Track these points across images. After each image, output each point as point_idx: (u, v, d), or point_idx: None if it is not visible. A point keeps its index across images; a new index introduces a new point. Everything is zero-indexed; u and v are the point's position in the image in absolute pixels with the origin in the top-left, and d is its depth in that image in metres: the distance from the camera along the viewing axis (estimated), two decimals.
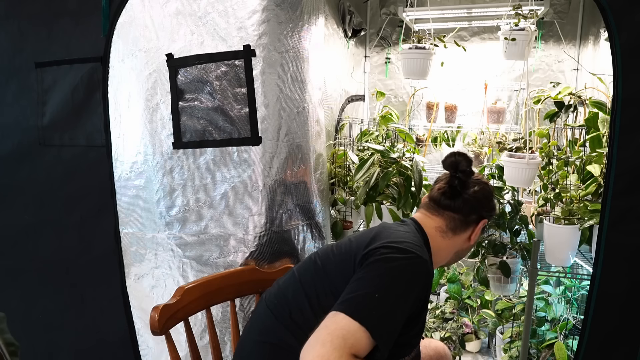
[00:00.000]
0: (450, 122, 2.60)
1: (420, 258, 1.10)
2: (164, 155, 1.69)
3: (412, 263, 1.09)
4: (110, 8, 1.70)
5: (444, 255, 1.31)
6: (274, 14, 1.58)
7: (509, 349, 2.17)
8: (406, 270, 1.07)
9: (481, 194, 1.30)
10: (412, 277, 1.08)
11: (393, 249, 1.10)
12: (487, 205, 1.32)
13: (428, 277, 1.13)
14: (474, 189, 1.30)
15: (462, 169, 1.30)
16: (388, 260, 1.08)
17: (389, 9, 2.82)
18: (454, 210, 1.28)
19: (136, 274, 1.84)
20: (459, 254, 1.35)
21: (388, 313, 1.01)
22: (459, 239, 1.30)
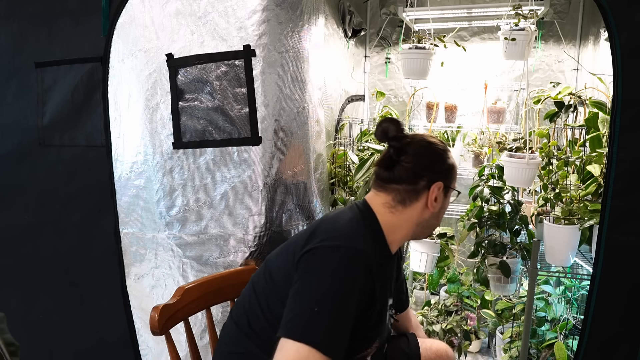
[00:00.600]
0: (450, 122, 2.60)
1: (354, 250, 1.04)
2: (164, 155, 1.69)
3: (345, 260, 1.03)
4: (110, 8, 1.70)
5: (403, 231, 1.20)
6: (274, 14, 1.58)
7: (509, 349, 2.17)
8: (340, 271, 1.02)
9: (422, 157, 1.18)
10: (348, 275, 1.02)
11: (325, 250, 1.04)
12: (432, 167, 1.18)
13: (368, 266, 1.06)
14: (412, 153, 1.18)
15: (391, 136, 1.19)
16: (320, 266, 1.03)
17: (389, 9, 2.82)
18: (396, 181, 1.17)
19: (136, 274, 1.84)
20: (424, 225, 1.21)
21: (332, 324, 0.97)
22: (413, 210, 1.18)
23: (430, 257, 2.16)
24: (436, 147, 1.21)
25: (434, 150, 1.20)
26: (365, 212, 1.18)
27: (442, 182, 1.18)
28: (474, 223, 2.11)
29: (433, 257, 2.17)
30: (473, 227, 2.12)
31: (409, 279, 2.80)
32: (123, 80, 1.73)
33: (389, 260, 1.21)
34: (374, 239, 1.15)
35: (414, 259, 2.19)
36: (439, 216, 1.23)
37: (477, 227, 2.10)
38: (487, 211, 2.09)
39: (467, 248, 2.72)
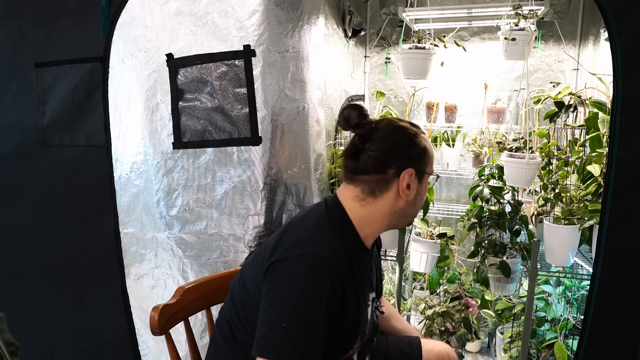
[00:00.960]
0: (450, 122, 2.60)
1: (318, 258, 1.00)
2: (164, 155, 1.69)
3: (309, 270, 0.99)
4: (110, 8, 1.70)
5: (377, 223, 1.13)
6: (274, 14, 1.58)
7: (509, 349, 2.17)
8: (305, 283, 0.98)
9: (388, 143, 1.10)
10: (314, 286, 0.98)
11: (290, 261, 1.01)
12: (401, 153, 1.11)
13: (336, 271, 1.01)
14: (377, 140, 1.11)
15: (353, 124, 1.12)
16: (285, 279, 1.00)
17: (389, 9, 2.82)
18: (364, 171, 1.10)
19: (136, 274, 1.84)
20: (400, 214, 1.14)
21: (303, 337, 0.96)
22: (385, 200, 1.11)
23: (430, 257, 2.15)
24: (404, 130, 1.13)
25: (402, 134, 1.12)
26: (333, 209, 1.12)
27: (413, 168, 1.10)
28: (474, 223, 2.11)
29: (433, 257, 2.17)
30: (473, 227, 2.12)
31: (409, 279, 2.80)
32: (123, 80, 1.73)
33: (366, 254, 1.16)
34: (344, 238, 1.09)
35: (414, 259, 2.19)
36: (416, 203, 1.16)
37: (477, 227, 2.10)
38: (487, 211, 2.09)
39: (467, 248, 2.72)
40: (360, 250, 1.13)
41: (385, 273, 2.67)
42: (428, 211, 1.94)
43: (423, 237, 2.17)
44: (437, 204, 2.78)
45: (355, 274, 1.08)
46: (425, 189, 1.17)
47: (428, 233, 2.18)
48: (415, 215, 1.20)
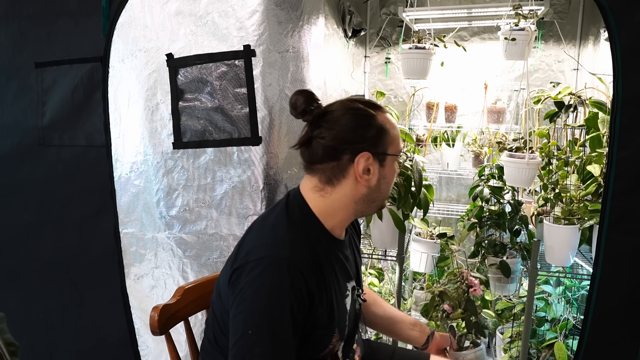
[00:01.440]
0: (450, 122, 2.60)
1: (276, 259, 0.97)
2: (164, 155, 1.69)
3: (268, 273, 0.96)
4: (110, 8, 1.70)
5: (342, 213, 1.09)
6: (274, 14, 1.58)
7: (509, 349, 2.17)
8: (265, 287, 0.96)
9: (338, 128, 1.04)
10: (275, 289, 0.95)
11: (249, 266, 0.98)
12: (353, 137, 1.03)
13: (297, 270, 0.97)
14: (326, 126, 1.04)
15: (300, 110, 1.05)
16: (246, 286, 0.97)
17: (389, 9, 2.82)
18: (318, 160, 1.05)
19: (136, 274, 1.84)
20: (365, 200, 1.08)
21: (269, 343, 0.94)
22: (345, 188, 1.06)
23: (430, 257, 2.15)
24: (356, 112, 1.06)
25: (354, 116, 1.05)
26: (293, 203, 1.08)
27: (369, 151, 1.03)
28: (474, 223, 2.11)
29: (433, 257, 2.17)
30: (473, 227, 2.12)
31: (409, 279, 2.80)
32: (123, 80, 1.73)
33: (338, 244, 1.12)
34: (307, 232, 1.05)
35: (414, 259, 2.19)
36: (381, 188, 1.09)
37: (477, 227, 2.10)
38: (487, 211, 2.09)
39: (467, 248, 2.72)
40: (330, 242, 1.09)
41: (385, 273, 2.67)
42: (428, 211, 1.94)
43: (423, 237, 2.17)
44: (437, 204, 2.78)
45: (323, 267, 1.03)
46: (392, 172, 1.11)
47: (428, 233, 2.18)
48: (384, 199, 1.13)
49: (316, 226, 1.07)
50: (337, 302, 1.07)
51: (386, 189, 1.11)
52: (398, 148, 1.10)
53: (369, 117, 1.06)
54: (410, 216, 1.95)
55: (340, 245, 1.13)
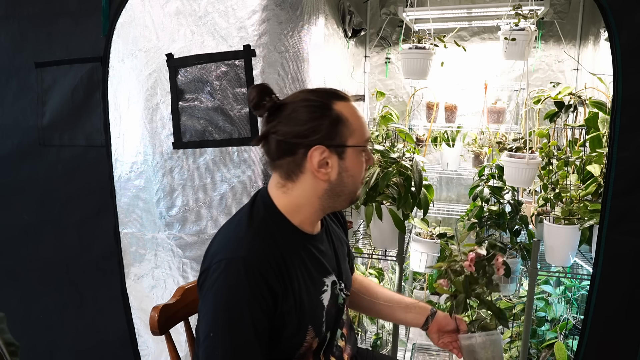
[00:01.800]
0: (450, 122, 2.60)
1: (232, 261, 0.96)
2: (164, 155, 1.69)
3: (225, 275, 0.95)
4: (110, 8, 1.70)
5: (308, 208, 1.06)
6: (274, 14, 1.58)
7: (509, 349, 2.17)
8: (223, 289, 0.95)
9: (289, 122, 1.01)
10: (231, 290, 0.95)
11: (210, 270, 0.98)
12: (305, 130, 1.00)
13: (254, 270, 0.95)
14: (278, 120, 1.02)
15: (253, 105, 1.03)
16: (208, 289, 0.98)
17: (389, 9, 2.82)
18: (276, 156, 1.03)
19: (136, 274, 1.84)
20: (329, 195, 1.05)
21: (229, 345, 0.94)
22: (304, 184, 1.03)
23: (430, 257, 2.15)
24: (309, 103, 1.02)
25: (305, 108, 1.01)
26: (259, 201, 1.07)
27: (322, 144, 0.99)
28: (474, 223, 2.11)
29: (433, 257, 2.17)
30: (473, 227, 2.12)
31: (409, 279, 2.80)
32: (123, 80, 1.73)
33: (310, 239, 1.09)
34: (271, 230, 1.03)
35: (414, 259, 2.19)
36: (345, 181, 1.05)
37: (477, 227, 2.10)
38: (487, 211, 2.09)
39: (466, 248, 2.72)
40: (299, 237, 1.07)
41: (385, 273, 2.67)
42: (428, 211, 1.94)
43: (423, 237, 2.17)
44: (437, 204, 2.78)
45: (288, 264, 1.01)
46: (357, 164, 1.05)
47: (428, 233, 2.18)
48: (353, 192, 1.08)
49: (282, 223, 1.05)
50: (308, 299, 1.04)
51: (351, 182, 1.06)
52: (361, 138, 1.04)
53: (323, 107, 1.01)
54: (410, 216, 1.95)
55: (312, 240, 1.10)
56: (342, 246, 1.25)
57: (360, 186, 1.10)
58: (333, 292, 1.12)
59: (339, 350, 1.20)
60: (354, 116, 1.03)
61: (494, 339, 1.22)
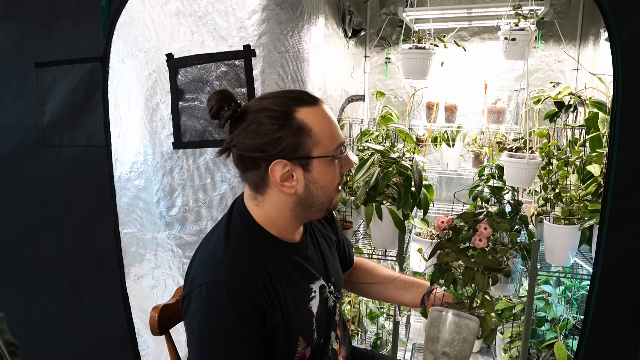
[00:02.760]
0: (450, 122, 2.60)
1: (212, 284, 0.92)
2: (164, 155, 1.69)
3: (208, 301, 0.92)
4: (110, 8, 1.71)
5: (282, 220, 1.02)
6: (274, 14, 1.58)
7: (509, 349, 2.17)
8: (208, 316, 0.92)
9: (247, 135, 0.95)
10: (218, 313, 0.91)
11: (192, 296, 0.95)
12: (263, 144, 0.93)
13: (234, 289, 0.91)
14: (237, 133, 0.96)
15: (212, 113, 0.96)
16: (192, 316, 0.94)
17: (389, 9, 2.82)
18: (241, 168, 0.99)
19: (136, 274, 1.84)
20: (300, 207, 1.00)
21: None
22: (272, 197, 0.99)
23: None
24: (268, 113, 0.94)
25: (265, 119, 0.93)
26: (236, 214, 1.03)
27: (283, 158, 0.94)
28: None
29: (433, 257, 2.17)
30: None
31: None
32: (123, 80, 1.73)
33: (293, 248, 1.06)
34: (251, 244, 0.99)
35: (414, 259, 2.19)
36: (314, 193, 0.99)
37: None
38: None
39: None
40: (281, 247, 1.03)
41: None
42: (428, 211, 1.93)
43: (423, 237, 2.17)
44: (437, 204, 2.78)
45: (272, 278, 0.97)
46: (328, 174, 0.99)
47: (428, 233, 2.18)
48: (326, 202, 1.02)
49: (260, 235, 1.01)
50: (296, 310, 1.01)
51: (322, 193, 1.00)
52: (329, 148, 0.97)
53: (284, 117, 0.94)
54: (410, 216, 1.95)
55: (295, 249, 1.07)
56: (330, 246, 1.22)
57: (336, 194, 1.04)
58: (322, 297, 1.10)
59: (334, 354, 1.19)
60: (320, 124, 0.96)
61: (466, 325, 1.05)
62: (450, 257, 1.10)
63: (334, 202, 1.05)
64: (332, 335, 1.18)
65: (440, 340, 1.07)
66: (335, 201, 1.05)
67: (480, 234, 1.07)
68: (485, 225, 1.07)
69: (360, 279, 1.36)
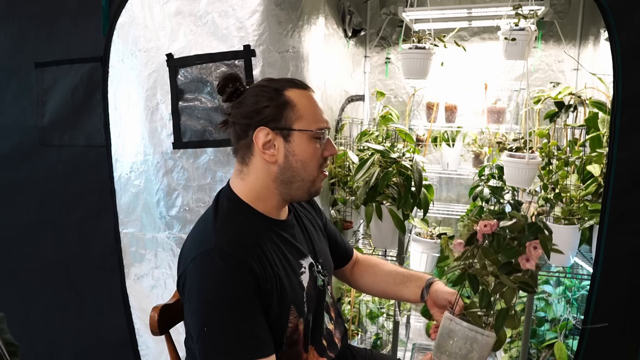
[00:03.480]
0: (450, 122, 2.60)
1: (204, 253, 0.98)
2: (164, 155, 1.69)
3: (204, 270, 0.97)
4: (110, 8, 1.71)
5: (265, 194, 1.08)
6: (274, 14, 1.58)
7: (509, 349, 2.17)
8: (206, 285, 0.96)
9: (242, 104, 1.07)
10: (214, 281, 0.96)
11: (188, 270, 1.00)
12: (254, 112, 1.05)
13: (227, 256, 0.96)
14: (237, 104, 1.08)
15: (218, 89, 1.10)
16: (190, 288, 0.99)
17: (389, 9, 2.82)
18: (234, 139, 1.10)
19: (136, 274, 1.84)
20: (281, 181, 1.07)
21: (227, 334, 0.94)
22: (256, 165, 1.07)
23: (430, 257, 2.16)
24: (262, 88, 1.07)
25: (258, 92, 1.06)
26: (222, 196, 1.10)
27: (267, 125, 1.03)
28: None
29: (433, 257, 2.17)
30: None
31: None
32: (123, 80, 1.73)
33: (281, 225, 1.11)
34: (239, 219, 1.05)
35: (414, 258, 2.19)
36: (293, 166, 1.06)
37: None
38: (487, 211, 2.08)
39: None
40: (268, 223, 1.09)
41: None
42: (428, 211, 1.94)
43: (423, 237, 2.17)
44: (437, 204, 2.78)
45: (262, 246, 1.02)
46: (307, 149, 1.05)
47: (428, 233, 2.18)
48: (307, 181, 1.08)
49: (247, 211, 1.07)
50: (287, 279, 1.05)
51: (301, 168, 1.06)
52: (310, 124, 1.05)
53: (273, 91, 1.06)
54: (410, 216, 1.95)
55: (282, 226, 1.12)
56: (317, 230, 1.26)
57: (318, 176, 1.09)
58: (311, 275, 1.13)
59: (329, 334, 1.19)
60: (306, 103, 1.06)
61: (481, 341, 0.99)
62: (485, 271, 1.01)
63: (316, 186, 1.10)
64: (325, 317, 1.19)
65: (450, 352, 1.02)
66: (317, 185, 1.10)
67: (529, 254, 0.97)
68: (536, 244, 0.97)
69: (364, 275, 1.38)
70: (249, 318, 0.96)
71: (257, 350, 0.95)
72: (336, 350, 1.20)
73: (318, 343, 1.15)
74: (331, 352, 1.17)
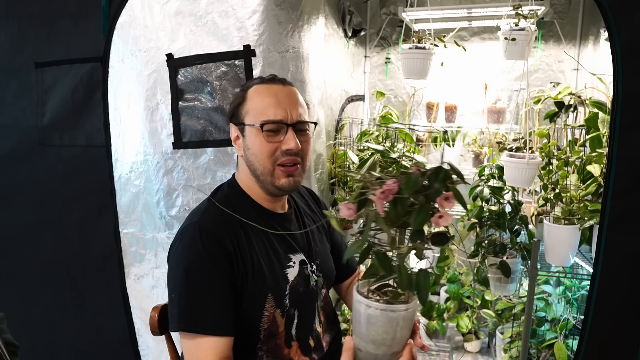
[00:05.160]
0: (450, 122, 2.60)
1: (188, 228, 1.05)
2: (164, 155, 1.69)
3: (182, 241, 1.05)
4: (110, 8, 1.70)
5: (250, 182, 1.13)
6: (274, 14, 1.58)
7: (509, 349, 2.17)
8: (179, 253, 1.04)
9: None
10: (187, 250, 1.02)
11: (176, 236, 1.09)
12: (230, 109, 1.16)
13: (206, 231, 1.02)
14: None
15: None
16: (170, 258, 1.08)
17: (389, 9, 2.82)
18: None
19: (136, 274, 1.84)
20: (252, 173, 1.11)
21: (189, 300, 1.00)
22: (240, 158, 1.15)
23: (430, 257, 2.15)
24: (241, 86, 1.19)
25: (238, 90, 1.18)
26: (224, 184, 1.19)
27: (231, 121, 1.14)
28: (474, 223, 2.11)
29: (433, 257, 2.17)
30: (473, 227, 2.12)
31: None
32: (123, 80, 1.73)
33: (273, 216, 1.15)
34: (232, 203, 1.10)
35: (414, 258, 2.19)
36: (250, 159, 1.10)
37: (477, 227, 2.10)
38: (487, 211, 2.09)
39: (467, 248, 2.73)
40: (260, 212, 1.14)
41: None
42: None
43: None
44: None
45: (248, 232, 1.08)
46: (256, 142, 1.08)
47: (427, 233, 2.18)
48: (264, 174, 1.09)
49: (242, 198, 1.14)
50: (269, 266, 1.09)
51: (255, 161, 1.09)
52: (255, 118, 1.08)
53: (241, 88, 1.15)
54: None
55: (277, 219, 1.16)
56: (320, 233, 1.28)
57: (275, 171, 1.09)
58: (302, 272, 1.15)
59: (317, 336, 1.19)
60: (258, 98, 1.10)
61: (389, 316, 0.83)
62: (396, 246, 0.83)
63: (280, 181, 1.09)
64: (315, 319, 1.19)
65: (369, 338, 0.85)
66: (281, 181, 1.10)
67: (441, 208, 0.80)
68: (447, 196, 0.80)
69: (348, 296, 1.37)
70: (210, 293, 1.01)
71: (212, 327, 0.99)
72: (322, 352, 1.19)
73: (304, 341, 1.15)
74: (316, 355, 1.17)
